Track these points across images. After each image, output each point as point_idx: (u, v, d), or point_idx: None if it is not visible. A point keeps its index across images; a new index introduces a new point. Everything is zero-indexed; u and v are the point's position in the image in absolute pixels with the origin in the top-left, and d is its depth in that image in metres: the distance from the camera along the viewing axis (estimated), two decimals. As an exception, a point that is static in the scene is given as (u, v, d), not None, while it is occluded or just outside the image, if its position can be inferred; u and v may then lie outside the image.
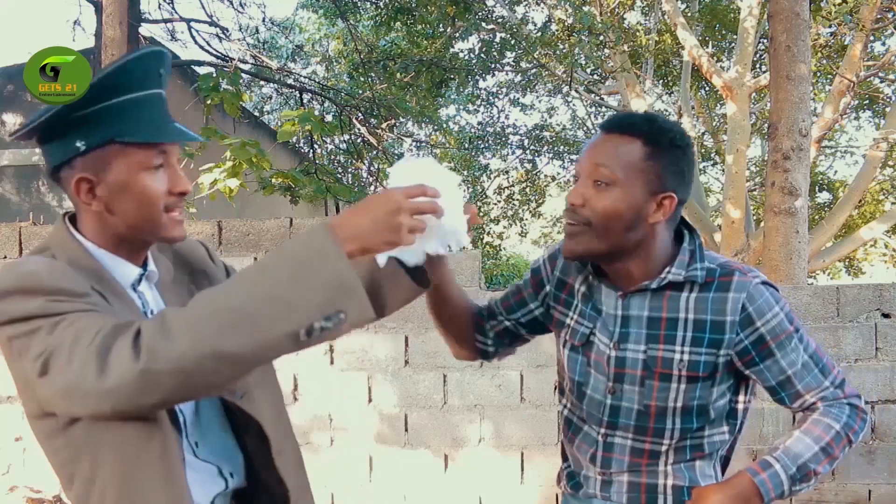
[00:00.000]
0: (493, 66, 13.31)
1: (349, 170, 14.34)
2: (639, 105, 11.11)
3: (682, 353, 1.45)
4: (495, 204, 16.98)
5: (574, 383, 1.60)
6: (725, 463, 1.63)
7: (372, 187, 12.83)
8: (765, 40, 8.97)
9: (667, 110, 14.77)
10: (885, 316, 3.77)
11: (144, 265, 1.34)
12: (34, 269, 1.16)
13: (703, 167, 15.79)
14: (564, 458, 1.70)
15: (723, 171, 9.48)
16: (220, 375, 1.06)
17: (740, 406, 1.57)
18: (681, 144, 1.46)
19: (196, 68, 9.82)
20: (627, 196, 1.42)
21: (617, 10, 11.25)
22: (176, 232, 1.30)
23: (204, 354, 1.02)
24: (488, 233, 16.74)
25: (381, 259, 1.25)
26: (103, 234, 1.28)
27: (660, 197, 1.44)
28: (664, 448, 1.50)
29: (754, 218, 10.57)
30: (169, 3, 10.27)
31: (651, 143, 1.43)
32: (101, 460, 1.18)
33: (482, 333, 1.74)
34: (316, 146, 10.66)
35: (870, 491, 3.77)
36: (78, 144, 1.21)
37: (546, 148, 16.32)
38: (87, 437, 1.17)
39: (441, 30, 12.01)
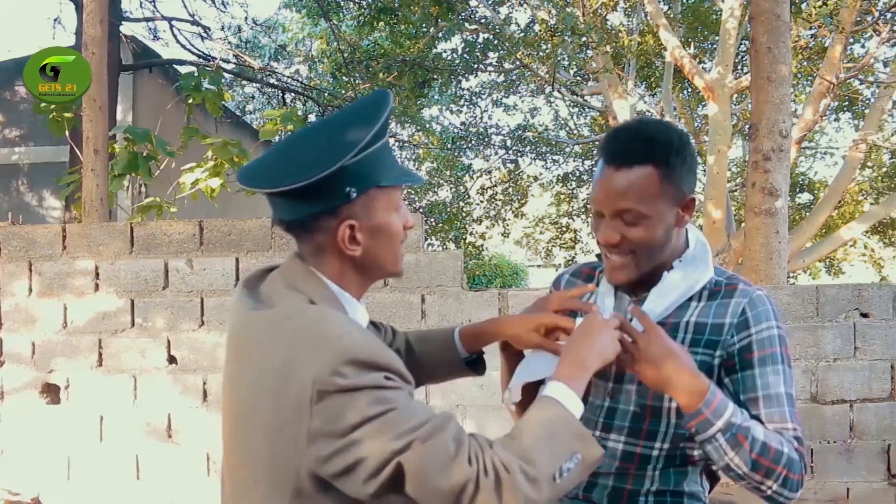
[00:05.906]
0: (475, 66, 13.30)
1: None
2: (621, 106, 11.15)
3: None
4: (478, 204, 17.00)
5: None
6: (716, 478, 1.62)
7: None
8: (746, 42, 9.03)
9: (649, 111, 14.84)
10: (864, 315, 3.80)
11: None
12: (357, 338, 1.17)
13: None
14: None
15: (704, 171, 9.51)
16: None
17: None
18: (683, 144, 1.46)
19: (178, 67, 9.77)
20: (660, 221, 1.45)
21: (599, 11, 11.28)
22: (401, 266, 1.36)
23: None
24: (471, 233, 16.76)
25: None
26: (343, 277, 1.30)
27: (683, 203, 1.48)
28: (654, 453, 1.49)
29: (735, 218, 10.65)
30: (151, 2, 10.22)
31: (662, 164, 1.42)
32: None
33: None
34: (299, 146, 10.58)
35: (848, 489, 3.80)
36: (349, 191, 1.22)
37: (529, 148, 16.37)
38: None
39: (424, 30, 11.99)
